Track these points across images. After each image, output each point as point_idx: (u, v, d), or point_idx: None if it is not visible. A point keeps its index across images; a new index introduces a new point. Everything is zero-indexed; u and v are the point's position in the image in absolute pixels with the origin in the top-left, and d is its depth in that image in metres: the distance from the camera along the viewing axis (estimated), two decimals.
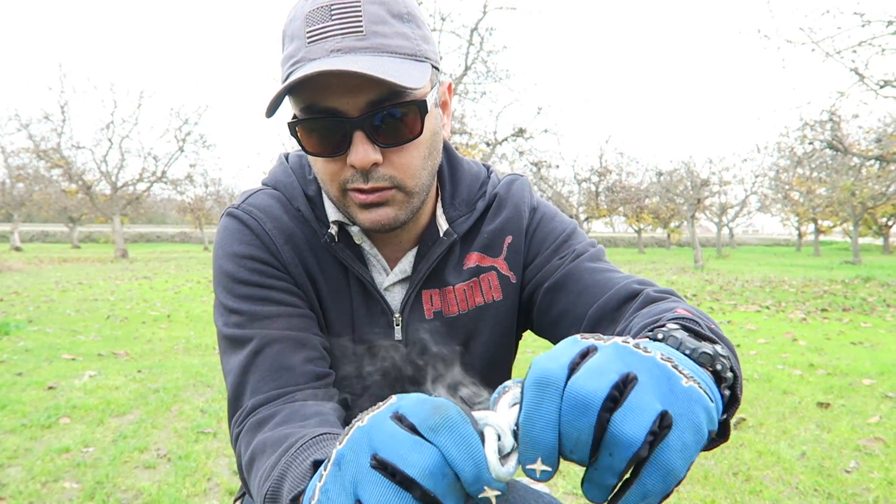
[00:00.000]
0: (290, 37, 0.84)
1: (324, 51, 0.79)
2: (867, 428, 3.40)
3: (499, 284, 1.01)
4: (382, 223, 0.88)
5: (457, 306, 1.00)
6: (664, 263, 22.66)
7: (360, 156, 0.81)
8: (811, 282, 13.34)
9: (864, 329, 6.84)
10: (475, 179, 1.04)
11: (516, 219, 1.02)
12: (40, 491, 2.57)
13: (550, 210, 1.06)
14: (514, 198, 1.03)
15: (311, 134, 0.83)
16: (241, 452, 0.83)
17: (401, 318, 0.98)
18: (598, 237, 52.34)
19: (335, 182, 0.86)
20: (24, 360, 4.97)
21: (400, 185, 0.86)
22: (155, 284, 12.01)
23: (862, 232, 31.66)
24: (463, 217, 1.00)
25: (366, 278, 0.96)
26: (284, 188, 0.99)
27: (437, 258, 0.97)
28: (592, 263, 0.96)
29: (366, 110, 0.80)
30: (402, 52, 0.81)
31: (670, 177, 26.68)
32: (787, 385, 4.34)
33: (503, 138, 18.71)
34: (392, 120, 0.82)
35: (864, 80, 11.51)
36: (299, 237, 0.95)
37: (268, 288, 0.92)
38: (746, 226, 51.25)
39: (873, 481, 2.69)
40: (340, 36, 0.79)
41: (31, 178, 28.74)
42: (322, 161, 0.85)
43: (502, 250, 1.01)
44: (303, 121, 0.82)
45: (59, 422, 3.44)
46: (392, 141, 0.83)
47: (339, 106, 0.80)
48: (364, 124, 0.81)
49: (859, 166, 22.98)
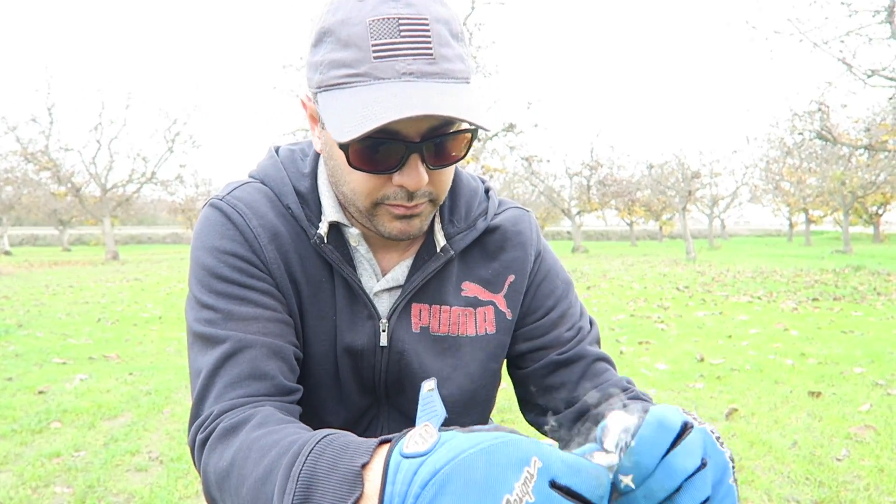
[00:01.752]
0: (341, 41, 0.77)
1: (394, 71, 0.75)
2: (858, 416, 3.42)
3: (494, 319, 1.00)
4: (410, 233, 0.88)
5: (447, 327, 0.98)
6: (656, 256, 22.73)
7: (415, 180, 0.80)
8: (802, 272, 13.42)
9: (854, 318, 6.88)
10: (473, 194, 1.02)
11: (521, 260, 1.01)
12: (31, 496, 2.56)
13: (555, 261, 1.08)
14: (521, 236, 1.03)
15: (362, 151, 0.80)
16: (212, 462, 0.76)
17: (388, 323, 0.96)
18: (590, 231, 52.45)
19: (372, 197, 0.84)
20: (14, 365, 4.94)
21: (434, 199, 0.87)
22: (146, 286, 11.95)
23: (852, 221, 31.85)
24: (461, 234, 0.98)
25: (354, 281, 0.94)
26: (274, 183, 0.95)
27: (431, 272, 0.96)
28: (594, 347, 1.03)
29: (426, 135, 0.79)
30: (462, 77, 0.80)
31: (661, 169, 26.76)
32: (778, 375, 4.36)
33: (494, 134, 18.69)
34: (446, 144, 0.81)
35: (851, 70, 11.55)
36: (284, 237, 0.92)
37: (247, 287, 0.88)
38: (738, 217, 51.47)
39: (864, 469, 2.70)
40: (412, 58, 0.75)
41: (19, 181, 28.51)
42: (364, 176, 0.83)
43: (503, 288, 1.00)
44: (362, 140, 0.77)
45: (49, 426, 3.42)
46: (441, 162, 0.83)
47: (402, 129, 0.78)
48: (422, 149, 0.79)
49: (849, 156, 23.11)
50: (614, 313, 7.52)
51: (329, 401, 0.99)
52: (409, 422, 1.01)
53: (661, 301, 8.65)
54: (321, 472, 0.60)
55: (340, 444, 0.62)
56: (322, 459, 0.61)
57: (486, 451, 0.49)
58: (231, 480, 0.71)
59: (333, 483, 0.59)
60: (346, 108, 0.76)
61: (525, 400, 1.07)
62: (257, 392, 0.83)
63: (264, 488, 0.66)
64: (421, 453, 0.52)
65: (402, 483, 0.51)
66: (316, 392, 0.98)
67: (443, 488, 0.49)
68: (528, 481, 0.48)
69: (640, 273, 13.92)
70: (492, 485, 0.48)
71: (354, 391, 0.99)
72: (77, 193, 24.39)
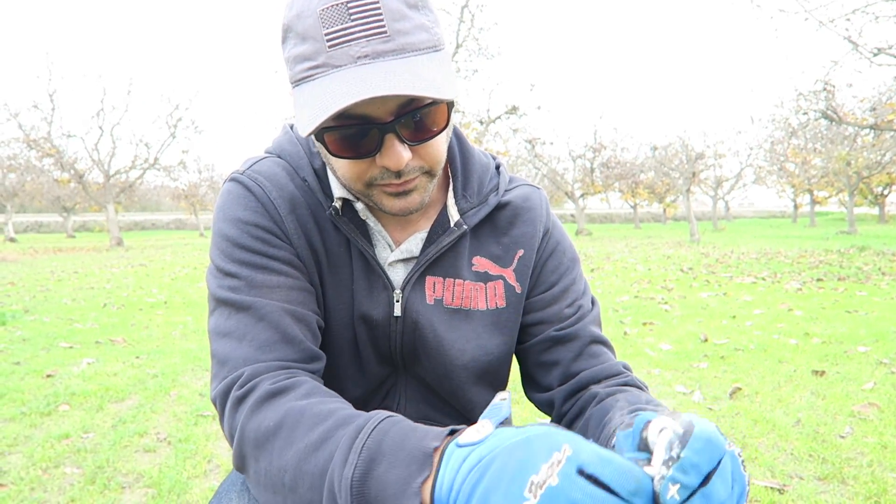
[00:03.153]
0: (299, 35, 0.78)
1: (349, 57, 0.75)
2: (861, 394, 3.43)
3: (504, 293, 1.01)
4: (410, 209, 0.88)
5: (460, 300, 0.99)
6: (660, 238, 22.70)
7: (394, 159, 0.80)
8: (807, 252, 13.39)
9: (859, 298, 6.87)
10: (485, 171, 1.03)
11: (530, 235, 1.02)
12: (41, 477, 2.59)
13: (565, 238, 1.08)
14: (531, 213, 1.03)
15: (337, 139, 0.81)
16: (254, 420, 0.75)
17: (402, 294, 0.97)
18: (593, 214, 52.35)
19: (361, 180, 0.85)
20: (21, 350, 4.97)
21: (427, 171, 0.87)
22: (151, 271, 12.00)
23: (857, 202, 31.71)
24: (474, 209, 0.99)
25: (368, 252, 0.96)
26: (290, 157, 0.97)
27: (445, 246, 0.97)
28: (595, 328, 1.03)
29: (397, 113, 0.79)
30: (426, 46, 0.79)
31: (665, 151, 26.64)
32: (782, 354, 4.37)
33: (496, 116, 18.60)
34: (422, 118, 0.81)
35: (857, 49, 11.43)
36: (303, 207, 0.94)
37: (269, 257, 0.90)
38: (742, 199, 51.20)
39: (867, 445, 2.72)
40: (365, 39, 0.75)
41: (22, 168, 28.55)
42: (348, 162, 0.83)
43: (513, 262, 1.01)
44: (333, 128, 0.79)
45: (58, 409, 3.45)
46: (422, 136, 0.82)
47: (370, 112, 0.78)
48: (396, 128, 0.79)
49: (854, 136, 22.95)
50: (618, 295, 7.53)
51: (349, 369, 1.01)
52: (427, 391, 1.04)
53: (664, 283, 8.65)
54: (387, 449, 0.63)
55: (408, 425, 0.66)
56: (388, 437, 0.64)
57: (525, 441, 0.54)
58: (276, 441, 0.72)
59: (401, 460, 0.61)
60: (307, 101, 0.77)
61: (527, 376, 1.08)
62: (287, 357, 0.84)
63: (316, 454, 0.67)
64: (472, 443, 0.58)
65: (451, 469, 0.58)
66: (337, 361, 1.00)
67: (483, 473, 0.54)
68: (554, 465, 0.51)
69: (644, 255, 13.90)
70: (522, 468, 0.52)
71: (373, 360, 1.01)
72: (80, 180, 24.40)
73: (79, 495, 2.41)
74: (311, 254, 0.94)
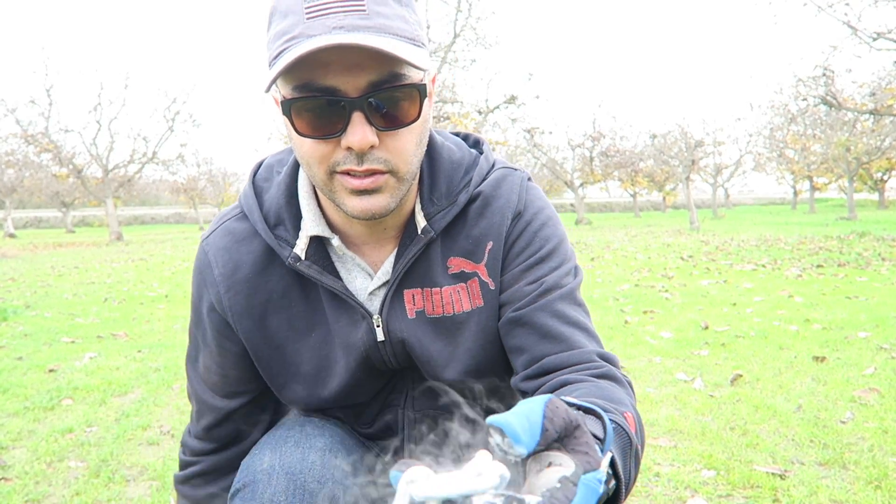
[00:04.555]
0: (281, 13, 0.80)
1: (325, 27, 0.75)
2: (862, 379, 3.44)
3: (479, 291, 0.97)
4: (374, 211, 0.85)
5: (441, 308, 0.97)
6: (660, 226, 22.69)
7: (358, 137, 0.79)
8: (807, 239, 13.39)
9: (859, 283, 6.88)
10: (456, 168, 0.99)
11: (498, 224, 0.97)
12: (46, 471, 2.60)
13: (539, 218, 0.99)
14: (500, 199, 0.97)
15: (304, 114, 0.80)
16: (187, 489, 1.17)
17: (380, 318, 0.97)
18: (593, 203, 52.28)
19: (324, 164, 0.83)
20: (23, 345, 4.98)
21: (394, 169, 0.84)
22: (151, 266, 12.00)
23: (857, 188, 31.66)
24: (441, 212, 0.95)
25: (336, 289, 0.95)
26: (249, 213, 0.99)
27: (413, 257, 0.95)
28: (562, 305, 0.93)
29: (366, 90, 0.78)
30: (404, 35, 0.79)
31: (664, 139, 26.56)
32: (783, 341, 4.38)
33: (495, 106, 18.55)
34: (392, 102, 0.80)
35: (856, 33, 11.39)
36: (255, 271, 0.98)
37: (214, 337, 1.04)
38: (742, 186, 51.20)
39: (868, 430, 2.73)
40: (343, 13, 0.76)
41: (20, 164, 28.52)
42: (312, 142, 0.82)
43: (484, 256, 0.97)
44: (300, 99, 0.79)
45: (61, 403, 3.47)
46: (390, 124, 0.81)
47: (339, 85, 0.77)
48: (364, 105, 0.78)
49: (853, 121, 22.90)
50: (618, 284, 7.53)
51: (353, 388, 1.02)
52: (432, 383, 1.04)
53: (665, 271, 8.65)
54: None
55: None
56: None
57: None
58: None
59: None
60: (277, 67, 0.77)
61: (508, 362, 1.04)
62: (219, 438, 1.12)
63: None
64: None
65: None
66: (338, 383, 1.01)
67: None
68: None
69: (644, 244, 13.91)
70: None
71: (373, 376, 1.03)
72: (79, 175, 24.36)
73: (83, 488, 2.42)
74: (260, 320, 0.99)
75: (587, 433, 0.52)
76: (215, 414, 1.09)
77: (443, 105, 18.31)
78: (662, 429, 2.86)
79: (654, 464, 2.50)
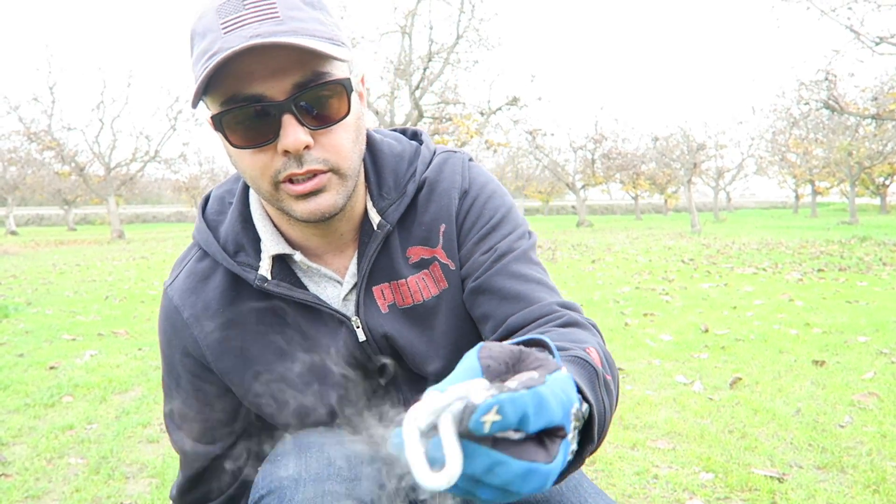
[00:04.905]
0: (200, 34, 0.82)
1: (242, 38, 0.77)
2: (861, 384, 3.44)
3: (442, 274, 0.99)
4: (323, 211, 0.87)
5: (411, 298, 0.98)
6: (661, 229, 22.68)
7: (291, 139, 0.80)
8: (808, 243, 13.38)
9: (860, 288, 6.88)
10: (399, 160, 1.01)
11: (446, 206, 0.99)
12: (46, 467, 2.61)
13: (485, 192, 1.01)
14: (444, 182, 1.00)
15: (236, 126, 0.82)
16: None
17: (358, 319, 0.98)
18: (594, 205, 52.27)
19: (266, 175, 0.85)
20: (24, 342, 4.99)
21: (334, 167, 0.85)
22: (152, 264, 12.01)
23: (859, 192, 31.65)
24: (393, 205, 0.98)
25: (308, 300, 0.96)
26: (206, 247, 1.00)
27: (374, 252, 0.97)
28: (518, 266, 0.95)
29: (292, 93, 0.80)
30: (321, 35, 0.81)
31: (666, 142, 26.55)
32: (782, 344, 4.38)
33: (497, 107, 18.55)
34: (320, 101, 0.82)
35: (859, 38, 11.39)
36: (223, 304, 0.98)
37: (189, 382, 1.04)
38: (743, 189, 51.14)
39: (867, 435, 2.73)
40: (258, 22, 0.78)
41: (23, 161, 28.55)
42: (250, 155, 0.84)
43: (439, 239, 0.99)
44: (228, 112, 0.81)
45: (61, 400, 3.47)
46: (321, 122, 0.83)
47: (265, 91, 0.79)
48: (292, 107, 0.80)
49: (856, 126, 22.89)
50: (619, 286, 7.53)
51: (349, 392, 1.02)
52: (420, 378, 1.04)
53: (665, 273, 8.65)
54: None
55: None
56: None
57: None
58: None
59: None
60: (201, 82, 0.79)
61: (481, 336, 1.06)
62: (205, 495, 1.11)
63: None
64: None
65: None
66: (335, 398, 1.01)
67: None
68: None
69: (645, 246, 13.91)
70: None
71: (364, 388, 1.03)
72: (81, 173, 24.39)
73: (83, 485, 2.43)
74: (241, 348, 0.99)
75: (535, 353, 0.53)
76: (201, 462, 1.07)
77: (445, 106, 18.32)
78: (661, 431, 2.86)
79: (652, 466, 2.50)
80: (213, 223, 1.01)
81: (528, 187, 41.28)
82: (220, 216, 1.01)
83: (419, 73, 16.62)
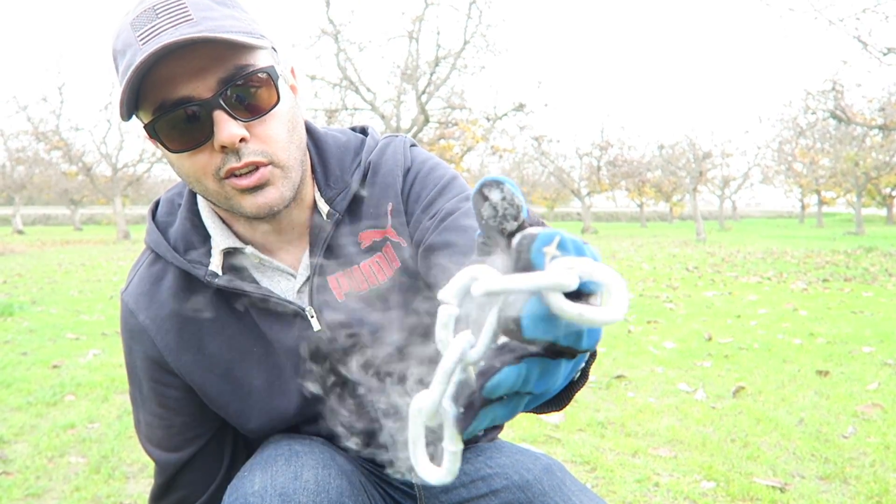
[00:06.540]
0: (121, 51, 0.84)
1: (159, 45, 0.78)
2: (865, 394, 3.42)
3: (394, 253, 1.00)
4: (270, 205, 0.88)
5: (366, 283, 0.98)
6: (666, 237, 22.64)
7: (225, 133, 0.81)
8: (813, 253, 13.33)
9: (865, 298, 6.84)
10: (345, 151, 1.03)
11: (392, 184, 1.00)
12: (47, 465, 2.61)
13: (427, 165, 1.03)
14: (387, 163, 1.02)
15: (170, 131, 0.83)
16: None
17: (312, 309, 0.98)
18: (599, 212, 52.21)
19: (208, 174, 0.86)
20: (28, 340, 5.01)
21: (273, 159, 0.86)
22: None
23: (865, 203, 31.54)
24: (341, 193, 0.99)
25: (263, 294, 0.96)
26: (158, 249, 1.00)
27: (325, 242, 0.97)
28: (466, 221, 0.92)
29: (218, 89, 0.81)
30: (237, 30, 0.83)
31: (672, 150, 26.55)
32: (786, 354, 4.36)
33: (503, 113, 18.58)
34: (247, 93, 0.83)
35: (867, 48, 11.38)
36: (178, 305, 0.98)
37: (151, 387, 1.04)
38: (749, 198, 51.00)
39: (870, 446, 2.71)
40: (172, 28, 0.79)
41: (30, 161, 28.69)
42: (189, 157, 0.85)
43: (388, 219, 1.00)
44: (160, 117, 0.82)
45: (64, 399, 3.48)
46: (253, 113, 0.84)
47: (191, 92, 0.81)
48: (221, 102, 0.81)
49: (863, 136, 22.83)
50: None
51: (308, 380, 1.02)
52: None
53: (669, 281, 8.63)
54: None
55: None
56: None
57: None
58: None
59: None
60: (126, 92, 0.81)
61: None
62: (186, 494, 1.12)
63: None
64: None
65: None
66: (295, 392, 1.01)
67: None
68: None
69: (650, 254, 13.88)
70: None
71: (318, 377, 1.01)
72: (88, 173, 24.50)
73: (83, 484, 2.43)
74: (199, 346, 0.99)
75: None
76: (171, 469, 1.08)
77: (451, 111, 18.35)
78: (663, 439, 2.85)
79: (653, 473, 2.49)
80: (163, 225, 1.02)
81: (533, 193, 41.29)
82: (170, 217, 1.02)
83: (426, 78, 16.67)
